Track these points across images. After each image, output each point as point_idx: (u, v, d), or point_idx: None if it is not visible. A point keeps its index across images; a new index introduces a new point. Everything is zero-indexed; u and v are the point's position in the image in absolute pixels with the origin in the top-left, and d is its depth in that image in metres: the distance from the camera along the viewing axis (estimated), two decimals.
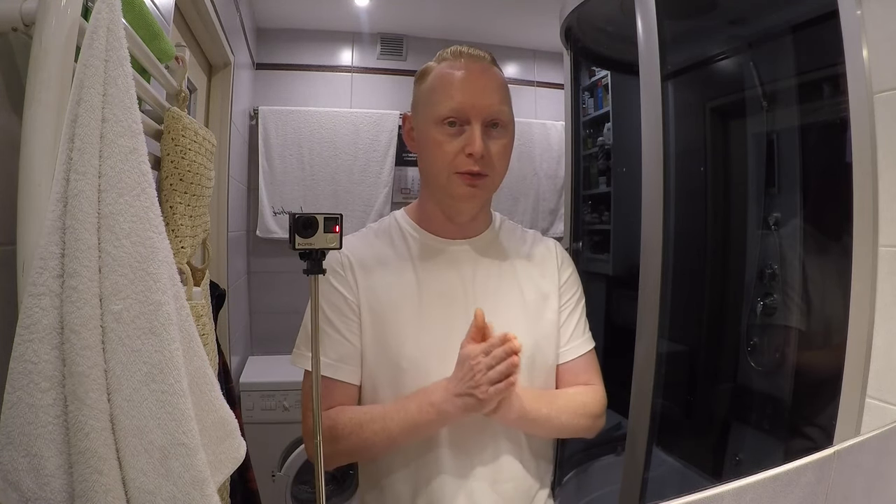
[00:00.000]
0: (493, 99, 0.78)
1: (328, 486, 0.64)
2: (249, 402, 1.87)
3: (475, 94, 0.77)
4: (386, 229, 0.87)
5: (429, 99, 0.79)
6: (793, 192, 1.38)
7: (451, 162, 0.77)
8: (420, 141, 0.82)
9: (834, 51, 0.87)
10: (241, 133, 2.08)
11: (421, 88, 0.82)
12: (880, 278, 0.83)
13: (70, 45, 0.46)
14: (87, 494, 0.41)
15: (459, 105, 0.76)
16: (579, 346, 0.87)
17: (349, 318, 0.80)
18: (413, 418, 0.73)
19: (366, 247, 0.84)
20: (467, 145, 0.76)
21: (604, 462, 1.88)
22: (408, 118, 0.86)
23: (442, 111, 0.77)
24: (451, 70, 0.78)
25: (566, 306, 0.88)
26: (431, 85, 0.80)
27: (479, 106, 0.77)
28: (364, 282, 0.81)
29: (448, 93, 0.77)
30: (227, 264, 1.76)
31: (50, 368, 0.42)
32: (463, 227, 0.85)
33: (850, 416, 0.84)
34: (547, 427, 0.81)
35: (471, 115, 0.76)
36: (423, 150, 0.81)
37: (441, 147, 0.77)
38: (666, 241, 1.21)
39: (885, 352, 0.82)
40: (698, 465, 1.58)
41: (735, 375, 1.53)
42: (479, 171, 0.77)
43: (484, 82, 0.78)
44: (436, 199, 0.84)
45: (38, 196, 0.44)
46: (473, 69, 0.78)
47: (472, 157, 0.76)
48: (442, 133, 0.77)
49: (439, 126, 0.77)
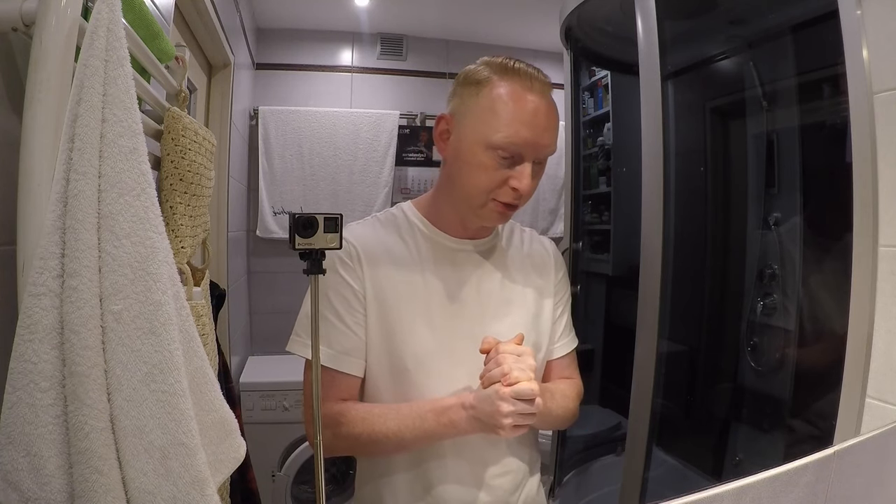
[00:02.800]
0: (553, 139, 0.75)
1: (328, 486, 0.64)
2: (249, 402, 1.87)
3: (539, 133, 0.73)
4: (392, 220, 0.85)
5: (484, 118, 0.73)
6: (793, 192, 1.38)
7: (493, 189, 0.75)
8: (460, 153, 0.76)
9: (834, 51, 0.87)
10: (241, 133, 2.08)
11: (474, 100, 0.75)
12: (880, 278, 0.83)
13: (70, 45, 0.46)
14: (87, 494, 0.41)
15: (521, 142, 0.72)
16: (567, 345, 0.90)
17: (355, 310, 0.78)
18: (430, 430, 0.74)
19: (373, 237, 0.82)
20: (513, 179, 0.73)
21: (604, 462, 1.88)
22: (445, 120, 0.79)
23: (499, 140, 0.72)
24: (517, 96, 0.73)
25: (558, 306, 0.90)
26: (490, 103, 0.73)
27: (539, 146, 0.74)
28: (371, 273, 0.79)
29: (511, 124, 0.72)
30: (227, 264, 1.76)
31: (50, 368, 0.42)
32: (473, 231, 0.84)
33: (850, 416, 0.84)
34: (547, 421, 0.82)
35: (527, 152, 0.73)
36: (462, 165, 0.76)
37: (486, 172, 0.74)
38: (666, 241, 1.21)
39: (885, 352, 0.82)
40: (698, 465, 1.58)
41: (735, 375, 1.54)
42: (517, 203, 0.76)
43: (549, 121, 0.74)
44: (457, 208, 0.81)
45: (38, 196, 0.44)
46: (541, 103, 0.74)
47: (515, 192, 0.74)
48: (492, 159, 0.73)
49: (489, 151, 0.73)
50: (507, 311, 0.83)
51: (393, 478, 0.80)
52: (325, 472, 0.65)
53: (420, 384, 0.77)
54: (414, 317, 0.79)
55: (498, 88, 0.73)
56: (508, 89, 0.73)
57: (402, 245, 0.82)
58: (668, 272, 1.24)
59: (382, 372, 0.79)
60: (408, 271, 0.81)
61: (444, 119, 0.79)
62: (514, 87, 0.73)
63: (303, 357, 0.78)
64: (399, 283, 0.80)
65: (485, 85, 0.74)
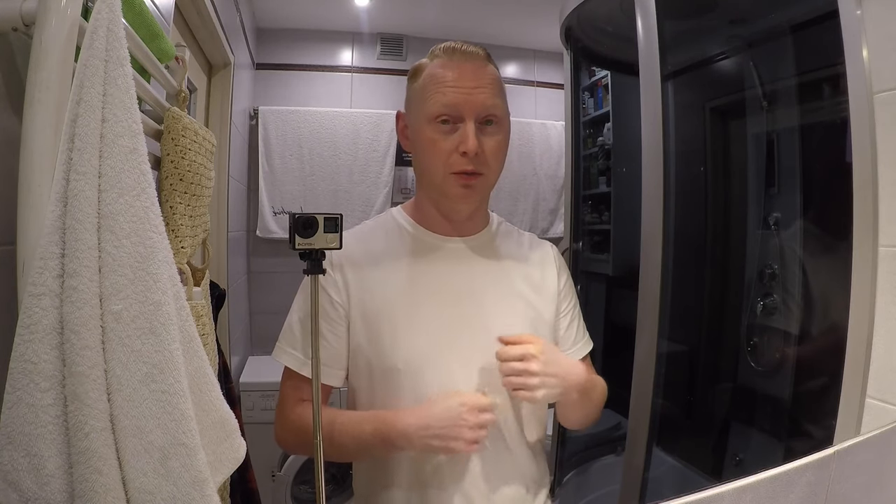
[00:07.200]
0: (486, 95, 0.76)
1: (328, 486, 0.64)
2: (249, 402, 1.87)
3: (468, 90, 0.75)
4: (382, 225, 0.87)
5: (421, 97, 0.78)
6: (793, 192, 1.38)
7: (445, 161, 0.76)
8: (414, 140, 0.81)
9: (834, 51, 0.87)
10: (241, 133, 2.08)
11: (414, 86, 0.80)
12: (880, 278, 0.83)
13: (70, 45, 0.46)
14: (87, 494, 0.41)
15: (452, 102, 0.75)
16: (581, 349, 0.89)
17: (332, 320, 0.80)
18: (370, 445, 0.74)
19: (358, 243, 0.83)
20: (461, 143, 0.75)
21: (604, 462, 1.88)
22: (401, 116, 0.84)
23: (434, 109, 0.76)
24: (443, 67, 0.77)
25: (567, 311, 0.88)
26: (424, 82, 0.78)
27: (471, 102, 0.75)
28: (355, 279, 0.80)
29: (440, 90, 0.76)
30: (227, 264, 1.76)
31: (50, 368, 0.41)
32: (459, 226, 0.84)
33: (850, 416, 0.84)
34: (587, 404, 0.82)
35: (464, 112, 0.75)
36: (418, 149, 0.80)
37: (435, 146, 0.76)
38: (666, 241, 1.21)
39: (885, 352, 0.82)
40: (698, 465, 1.58)
41: (735, 375, 1.54)
42: (474, 170, 0.76)
43: (476, 78, 0.77)
44: (431, 198, 0.83)
45: (38, 196, 0.44)
46: (466, 65, 0.77)
47: (466, 156, 0.75)
48: (435, 131, 0.76)
49: (432, 124, 0.76)
50: (502, 308, 0.82)
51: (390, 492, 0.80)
52: (325, 472, 0.65)
53: (411, 384, 0.77)
54: (402, 317, 0.79)
55: (429, 68, 0.79)
56: (437, 65, 0.78)
57: (388, 247, 0.83)
58: (668, 272, 1.24)
59: (373, 373, 0.79)
60: (394, 272, 0.81)
61: (400, 116, 0.85)
62: (442, 62, 0.78)
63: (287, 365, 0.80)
64: (386, 286, 0.80)
65: (420, 70, 0.80)
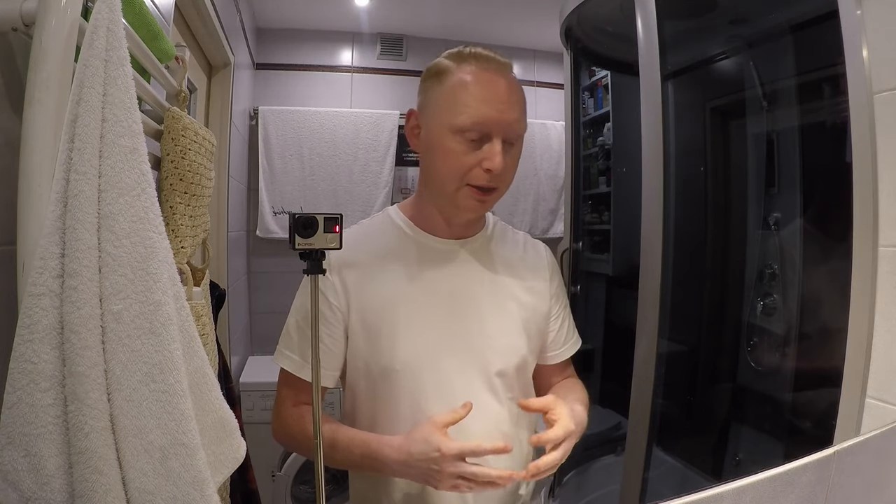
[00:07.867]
0: (517, 114, 0.75)
1: (328, 485, 0.64)
2: (249, 402, 1.87)
3: (500, 109, 0.73)
4: (378, 225, 0.86)
5: (447, 104, 0.75)
6: (793, 192, 1.38)
7: (464, 174, 0.75)
8: (429, 144, 0.78)
9: (834, 51, 0.87)
10: (241, 133, 2.08)
11: (436, 88, 0.77)
12: (880, 278, 0.83)
13: (70, 45, 0.46)
14: (87, 494, 0.41)
15: (484, 120, 0.73)
16: (571, 348, 0.91)
17: (329, 323, 0.79)
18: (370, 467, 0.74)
19: (354, 244, 0.81)
20: (486, 160, 0.73)
21: (604, 462, 1.88)
22: (414, 115, 0.81)
23: (463, 122, 0.73)
24: (475, 78, 0.74)
25: (559, 312, 0.89)
26: (451, 89, 0.75)
27: (504, 122, 0.73)
28: (352, 281, 0.79)
29: (471, 104, 0.73)
30: (227, 264, 1.76)
31: (50, 368, 0.41)
32: (458, 229, 0.84)
33: (850, 416, 0.84)
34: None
35: (493, 130, 0.73)
36: (433, 155, 0.77)
37: (457, 158, 0.74)
38: (666, 241, 1.21)
39: (885, 352, 0.82)
40: (698, 465, 1.58)
41: (735, 375, 1.54)
42: (493, 185, 0.76)
43: (510, 96, 0.75)
44: (436, 203, 0.82)
45: (38, 196, 0.44)
46: (500, 81, 0.74)
47: (489, 173, 0.74)
48: (459, 143, 0.74)
49: (457, 136, 0.74)
50: (496, 311, 0.82)
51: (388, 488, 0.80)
52: (325, 471, 0.65)
53: (409, 386, 0.77)
54: (400, 319, 0.78)
55: (457, 74, 0.75)
56: (467, 73, 0.75)
57: (385, 248, 0.82)
58: (668, 272, 1.24)
59: (371, 375, 0.79)
60: (391, 274, 0.80)
61: (413, 114, 0.81)
62: (472, 70, 0.75)
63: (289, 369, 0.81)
64: (383, 287, 0.79)
65: (445, 73, 0.76)
